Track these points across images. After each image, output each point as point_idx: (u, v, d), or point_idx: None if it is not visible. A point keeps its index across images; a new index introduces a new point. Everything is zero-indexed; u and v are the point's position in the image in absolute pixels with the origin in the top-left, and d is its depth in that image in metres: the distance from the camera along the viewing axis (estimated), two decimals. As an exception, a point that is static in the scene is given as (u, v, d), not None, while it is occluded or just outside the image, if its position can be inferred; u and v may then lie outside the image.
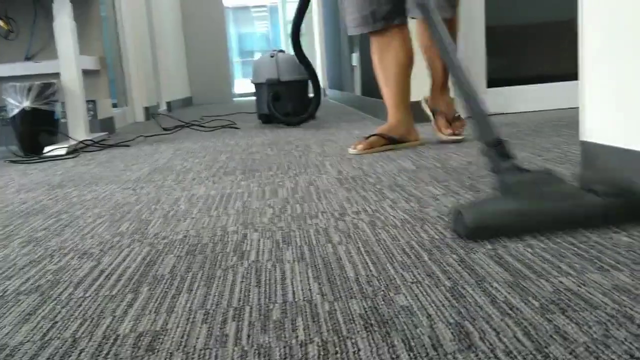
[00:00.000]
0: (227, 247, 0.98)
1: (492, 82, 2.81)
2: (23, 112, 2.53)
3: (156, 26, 5.37)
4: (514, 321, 0.63)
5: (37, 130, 2.57)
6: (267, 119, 3.32)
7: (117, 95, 4.29)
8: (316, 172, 1.66)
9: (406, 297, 0.72)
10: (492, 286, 0.73)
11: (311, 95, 3.09)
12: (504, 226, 0.93)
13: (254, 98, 3.56)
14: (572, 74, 1.44)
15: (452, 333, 0.61)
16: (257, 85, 3.33)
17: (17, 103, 2.54)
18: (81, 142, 2.64)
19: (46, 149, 2.51)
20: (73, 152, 2.52)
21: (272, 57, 3.28)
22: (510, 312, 0.65)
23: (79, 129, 2.75)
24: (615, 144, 1.08)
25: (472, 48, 2.75)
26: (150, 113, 4.54)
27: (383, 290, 0.74)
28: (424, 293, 0.72)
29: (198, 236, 1.06)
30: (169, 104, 5.57)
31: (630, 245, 0.84)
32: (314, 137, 2.53)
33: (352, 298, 0.73)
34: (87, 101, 2.97)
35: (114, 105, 3.95)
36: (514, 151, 1.04)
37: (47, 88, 2.58)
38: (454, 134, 2.03)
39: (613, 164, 1.09)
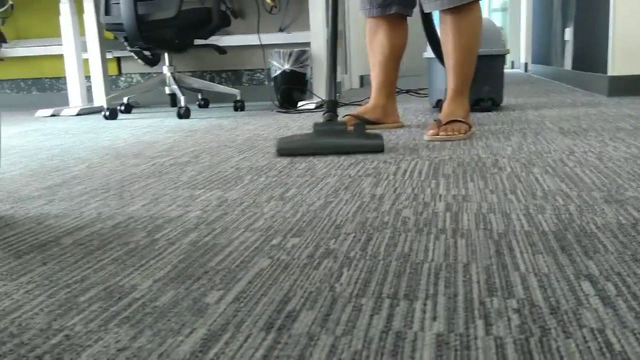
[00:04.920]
0: (485, 165, 1.38)
1: None
2: (284, 73, 3.18)
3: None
4: None
5: (292, 88, 3.20)
6: None
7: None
8: (538, 128, 1.97)
9: (632, 192, 1.05)
10: (701, 193, 1.02)
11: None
12: (295, 150, 1.62)
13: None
14: None
15: (668, 208, 0.94)
16: (435, 61, 2.59)
17: (280, 65, 3.19)
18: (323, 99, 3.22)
19: (299, 103, 3.13)
20: (320, 106, 3.10)
21: None
22: None
23: (321, 89, 3.33)
24: None
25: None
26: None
27: (615, 189, 1.08)
28: (646, 192, 1.05)
29: (459, 158, 1.47)
30: (376, 74, 6.10)
31: None
32: (526, 103, 2.80)
33: (591, 191, 1.08)
34: (326, 67, 3.56)
35: (338, 73, 4.54)
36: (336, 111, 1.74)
37: (302, 54, 3.19)
38: (436, 135, 1.80)
39: None
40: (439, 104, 2.70)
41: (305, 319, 0.60)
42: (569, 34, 3.99)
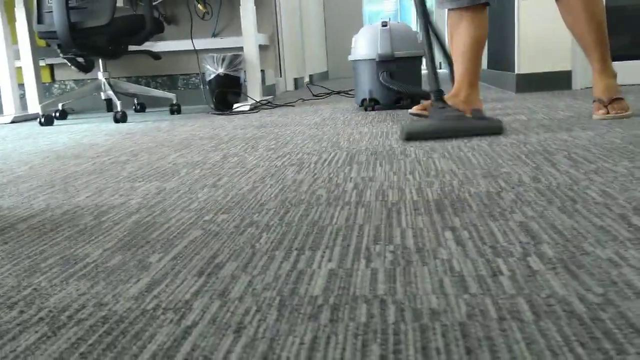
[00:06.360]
0: (395, 153, 1.58)
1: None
2: (218, 77, 3.31)
3: (304, 8, 6.09)
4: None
5: (227, 91, 3.34)
6: (374, 105, 2.83)
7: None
8: (449, 121, 2.20)
9: (507, 169, 1.26)
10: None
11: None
12: (422, 134, 1.77)
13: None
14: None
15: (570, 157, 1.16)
16: (359, 63, 2.86)
17: (214, 70, 3.32)
18: (259, 101, 3.38)
19: (235, 105, 3.27)
20: (254, 108, 3.26)
21: (384, 26, 2.79)
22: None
23: (255, 92, 3.49)
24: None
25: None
26: (308, 82, 5.27)
27: (494, 167, 1.30)
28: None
29: (374, 148, 1.67)
30: (311, 76, 6.30)
31: None
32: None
33: (474, 169, 1.29)
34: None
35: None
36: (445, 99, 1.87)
37: (235, 58, 3.33)
38: (607, 114, 1.97)
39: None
40: (363, 103, 2.92)
41: (229, 267, 0.76)
42: (484, 36, 4.31)
